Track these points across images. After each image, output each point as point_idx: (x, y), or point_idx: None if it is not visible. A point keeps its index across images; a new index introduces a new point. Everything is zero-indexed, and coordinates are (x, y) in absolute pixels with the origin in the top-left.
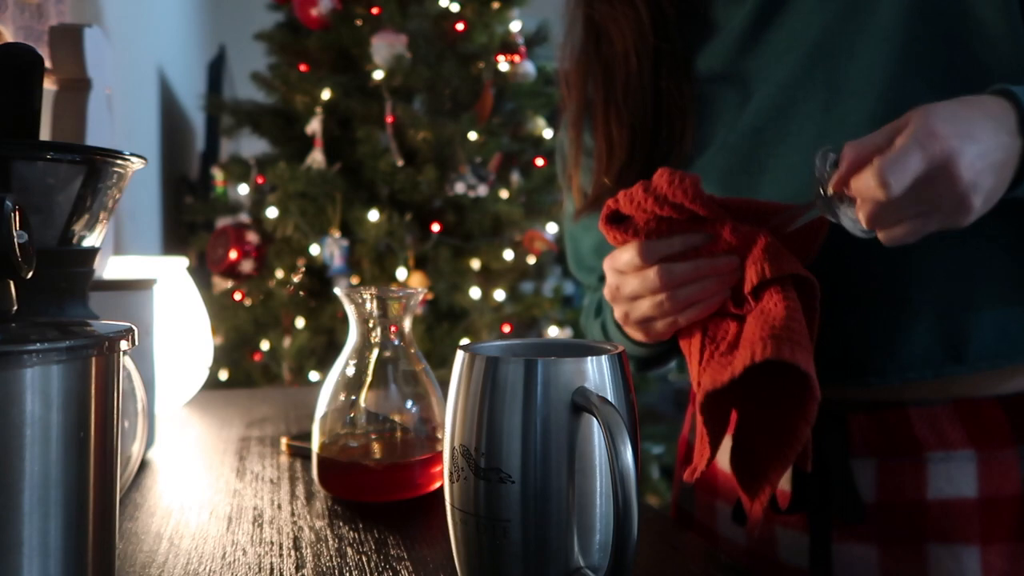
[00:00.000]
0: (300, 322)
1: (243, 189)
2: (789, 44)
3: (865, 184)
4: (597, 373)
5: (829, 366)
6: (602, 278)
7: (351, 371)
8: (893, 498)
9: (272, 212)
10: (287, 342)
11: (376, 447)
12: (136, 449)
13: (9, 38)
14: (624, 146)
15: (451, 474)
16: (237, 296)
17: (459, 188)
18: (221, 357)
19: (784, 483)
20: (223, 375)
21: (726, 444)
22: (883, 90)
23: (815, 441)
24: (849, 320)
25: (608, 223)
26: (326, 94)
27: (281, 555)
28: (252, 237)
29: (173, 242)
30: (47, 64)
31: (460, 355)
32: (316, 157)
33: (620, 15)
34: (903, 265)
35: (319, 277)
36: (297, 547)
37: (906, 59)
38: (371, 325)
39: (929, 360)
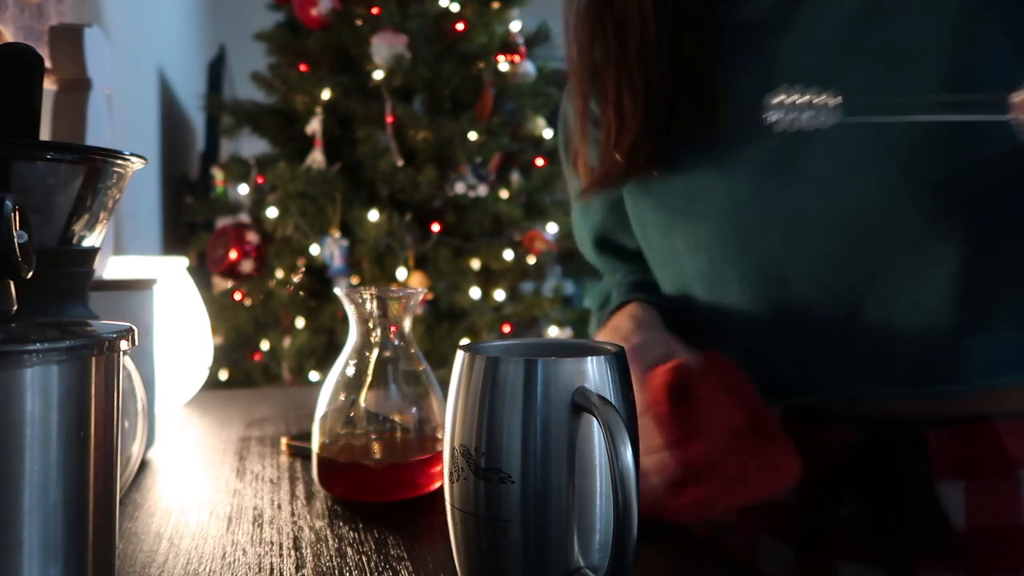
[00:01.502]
0: (300, 322)
1: (243, 189)
2: (832, 4)
3: None
4: (597, 373)
5: (899, 376)
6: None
7: (351, 371)
8: (985, 523)
9: (272, 212)
10: (287, 342)
11: (376, 447)
12: (136, 449)
13: (9, 38)
14: (637, 117)
15: (451, 474)
16: (237, 296)
17: (459, 188)
18: (221, 357)
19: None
20: (223, 375)
21: None
22: (952, 52)
23: (888, 464)
24: (920, 318)
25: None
26: (326, 94)
27: (281, 555)
28: (252, 237)
29: (173, 242)
30: (47, 64)
31: (460, 355)
32: (316, 157)
33: None
34: (985, 250)
35: (319, 277)
36: (297, 547)
37: (966, 15)
38: (371, 325)
39: (1018, 361)
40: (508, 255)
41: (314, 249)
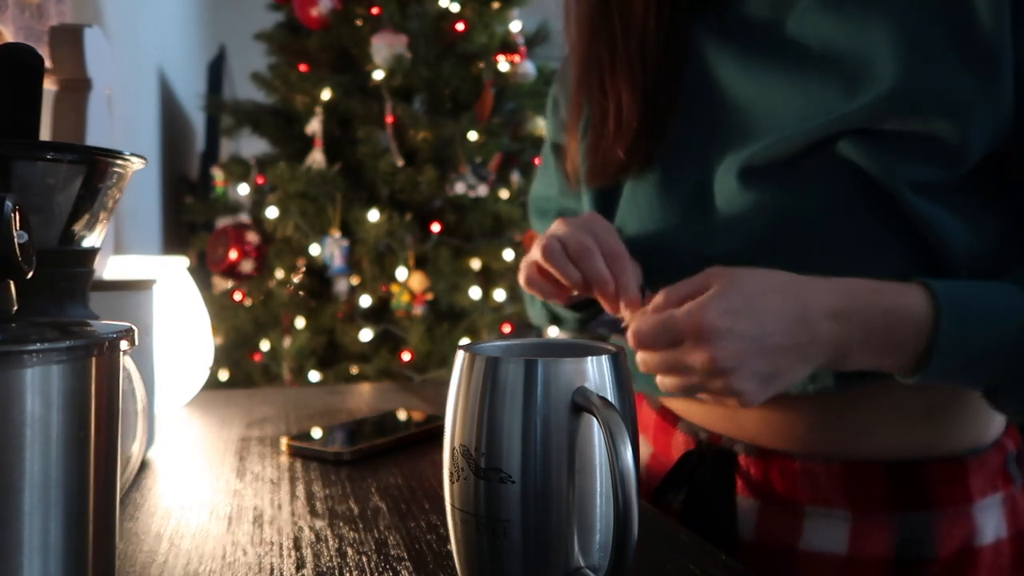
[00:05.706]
0: (300, 322)
1: (243, 189)
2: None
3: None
4: (597, 373)
5: None
6: None
7: None
8: (769, 541)
9: (272, 212)
10: (287, 342)
11: None
12: (136, 449)
13: (9, 38)
14: (637, 113)
15: (451, 474)
16: (237, 296)
17: (459, 188)
18: (221, 357)
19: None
20: (223, 375)
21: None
22: (901, 64)
23: (705, 478)
24: None
25: None
26: (326, 94)
27: (281, 555)
28: (252, 237)
29: (173, 242)
30: (47, 64)
31: (460, 355)
32: (316, 157)
33: None
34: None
35: (319, 277)
36: (297, 547)
37: (912, 27)
38: None
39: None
40: (508, 255)
41: (314, 249)
